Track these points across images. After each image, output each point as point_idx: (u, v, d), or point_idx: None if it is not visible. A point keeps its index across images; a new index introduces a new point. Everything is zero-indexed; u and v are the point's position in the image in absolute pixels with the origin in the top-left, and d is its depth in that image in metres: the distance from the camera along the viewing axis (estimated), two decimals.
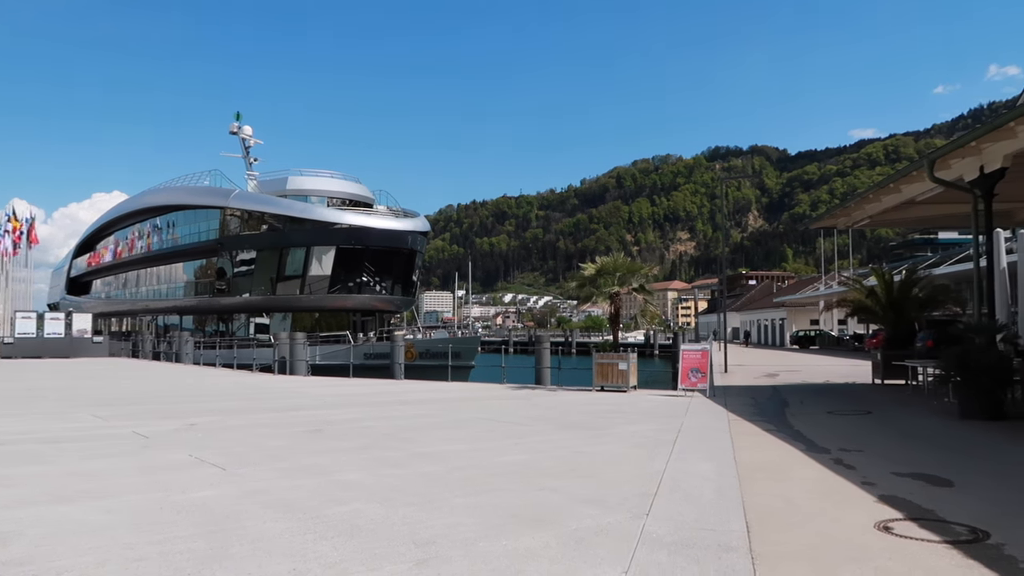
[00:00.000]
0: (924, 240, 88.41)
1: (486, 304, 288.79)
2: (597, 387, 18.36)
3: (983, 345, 12.69)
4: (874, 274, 25.70)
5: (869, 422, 12.32)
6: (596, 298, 20.12)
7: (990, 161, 12.58)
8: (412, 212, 48.19)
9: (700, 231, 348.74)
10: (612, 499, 6.70)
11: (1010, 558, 4.97)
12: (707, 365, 17.45)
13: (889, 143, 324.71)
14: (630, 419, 12.85)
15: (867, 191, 17.32)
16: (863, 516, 6.09)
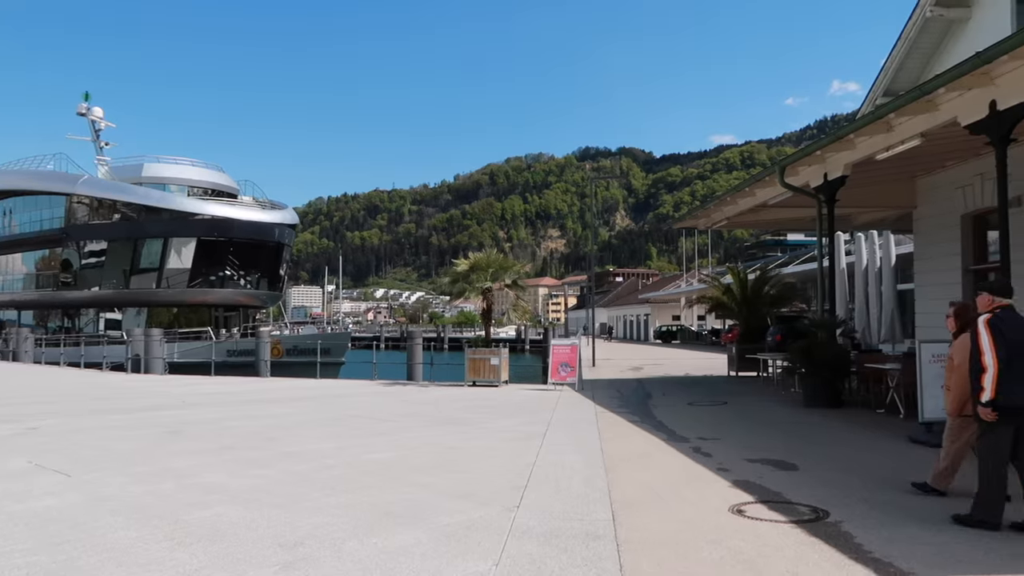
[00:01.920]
0: (775, 241, 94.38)
1: (357, 299, 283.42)
2: (469, 382, 18.45)
3: (825, 339, 13.74)
4: (730, 273, 27.27)
5: (725, 412, 13.06)
6: (469, 294, 20.19)
7: (833, 169, 13.61)
8: (280, 204, 46.52)
9: (570, 229, 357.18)
10: (483, 493, 6.75)
11: (847, 534, 5.42)
12: (576, 360, 17.92)
13: (745, 149, 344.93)
14: (502, 413, 12.99)
15: (725, 194, 18.31)
16: (719, 501, 6.45)
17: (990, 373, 5.39)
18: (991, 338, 5.43)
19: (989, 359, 5.40)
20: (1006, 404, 5.37)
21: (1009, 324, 5.49)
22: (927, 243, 16.15)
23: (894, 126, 11.41)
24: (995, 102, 9.22)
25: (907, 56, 16.60)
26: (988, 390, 5.39)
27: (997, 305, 5.66)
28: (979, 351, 5.49)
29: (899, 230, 19.77)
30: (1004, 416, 5.41)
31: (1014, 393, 5.36)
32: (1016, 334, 5.45)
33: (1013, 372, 5.35)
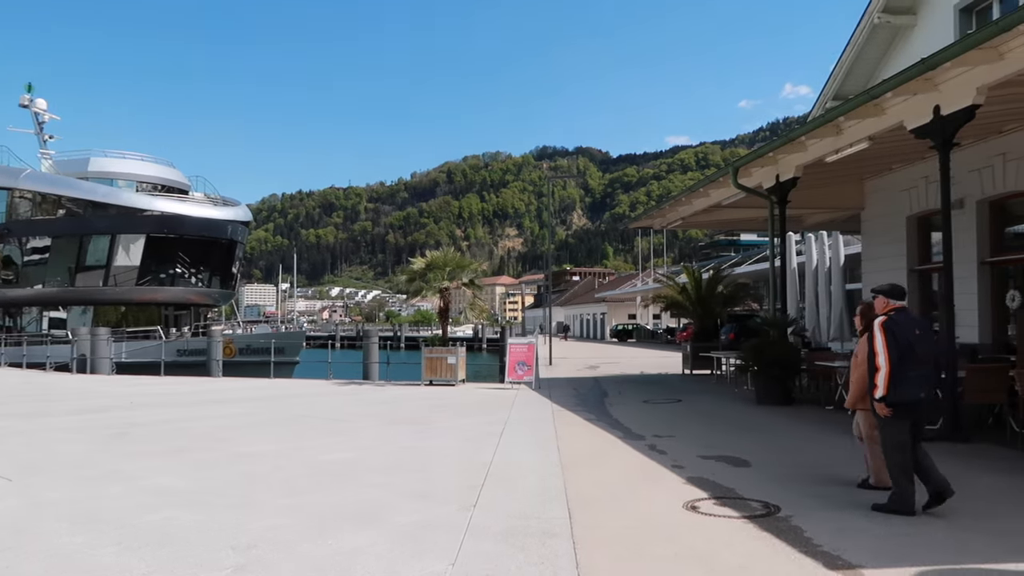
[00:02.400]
0: (728, 241, 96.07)
1: (312, 298, 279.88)
2: (426, 381, 18.36)
3: (776, 338, 14.02)
4: (685, 272, 27.63)
5: (680, 409, 13.22)
6: (426, 292, 20.09)
7: (784, 171, 13.89)
8: (232, 200, 45.66)
9: (528, 228, 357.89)
10: (440, 493, 6.73)
11: (797, 528, 5.53)
12: (533, 358, 17.97)
13: (700, 150, 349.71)
14: (459, 413, 12.96)
15: (680, 194, 18.55)
16: (673, 497, 6.53)
17: (883, 372, 5.75)
18: (884, 339, 5.79)
19: (882, 359, 5.77)
20: (897, 400, 5.76)
21: (902, 326, 5.85)
22: (874, 244, 16.58)
23: (843, 129, 11.69)
24: (939, 107, 9.51)
25: (856, 61, 17.02)
26: (881, 387, 5.77)
27: (892, 307, 6.01)
28: (874, 351, 5.85)
29: (848, 231, 20.25)
30: (898, 411, 5.81)
31: (904, 390, 5.76)
32: (907, 335, 5.82)
33: (904, 370, 5.74)
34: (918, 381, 5.83)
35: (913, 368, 5.80)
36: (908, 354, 5.77)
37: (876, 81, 12.51)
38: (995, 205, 13.08)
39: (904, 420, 5.85)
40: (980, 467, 7.80)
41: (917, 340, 5.87)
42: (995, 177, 12.59)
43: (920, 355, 5.84)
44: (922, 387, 5.87)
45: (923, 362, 5.86)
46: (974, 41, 8.05)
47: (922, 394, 5.87)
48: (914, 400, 5.84)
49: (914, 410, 5.88)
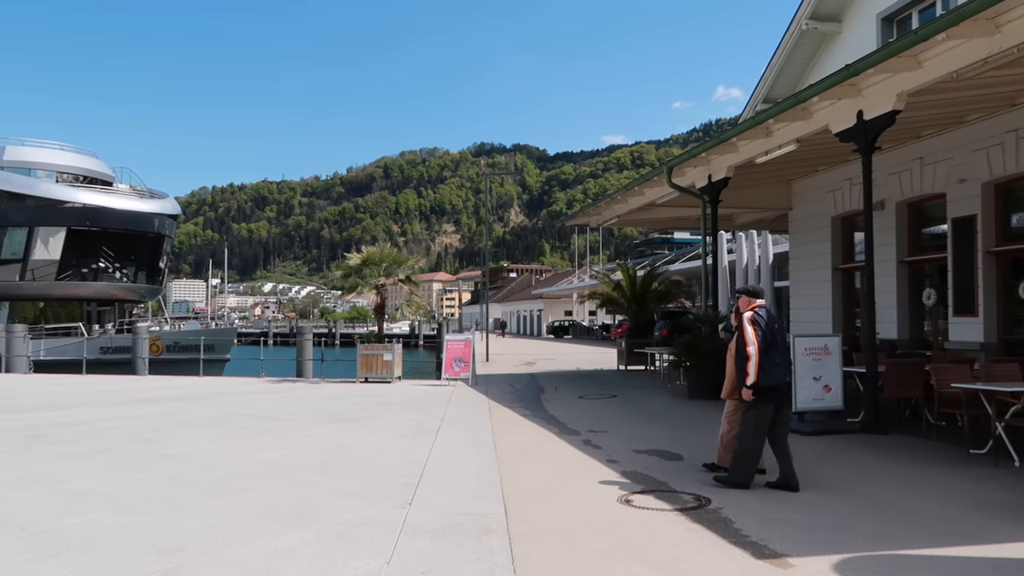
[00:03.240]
0: (663, 239, 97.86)
1: (244, 294, 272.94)
2: (361, 378, 18.16)
3: (708, 334, 14.34)
4: (620, 269, 27.99)
5: (614, 405, 13.41)
6: (362, 288, 19.85)
7: (716, 171, 14.22)
8: (160, 193, 44.16)
9: (465, 224, 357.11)
10: (376, 491, 6.67)
11: (727, 519, 5.68)
12: (470, 355, 17.95)
13: (635, 149, 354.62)
14: (394, 410, 12.86)
15: (616, 193, 18.80)
16: (608, 491, 6.63)
17: (753, 360, 6.46)
18: (754, 331, 6.54)
19: (753, 348, 6.48)
20: (765, 384, 6.47)
21: (766, 319, 6.67)
22: (801, 243, 17.13)
23: (773, 131, 12.04)
24: (862, 112, 9.88)
25: (785, 65, 17.53)
26: (752, 374, 6.45)
27: (754, 305, 6.80)
28: (744, 342, 6.56)
29: (776, 230, 20.89)
30: (764, 395, 6.50)
31: (770, 375, 6.49)
32: (770, 327, 6.63)
33: (769, 358, 6.50)
34: (782, 367, 6.64)
35: (777, 356, 6.58)
36: (772, 344, 6.55)
37: (804, 85, 12.92)
38: (913, 207, 13.67)
39: (769, 404, 6.55)
40: (897, 458, 8.14)
41: (778, 332, 6.71)
42: (913, 180, 13.16)
43: (780, 346, 6.64)
44: (785, 373, 6.69)
45: (783, 352, 6.68)
46: (895, 49, 8.39)
47: (786, 378, 6.70)
48: (779, 384, 6.61)
49: (779, 393, 6.62)
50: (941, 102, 10.50)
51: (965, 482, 6.92)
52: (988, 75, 8.61)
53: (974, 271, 11.80)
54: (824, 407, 10.17)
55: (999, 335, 11.59)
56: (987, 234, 11.66)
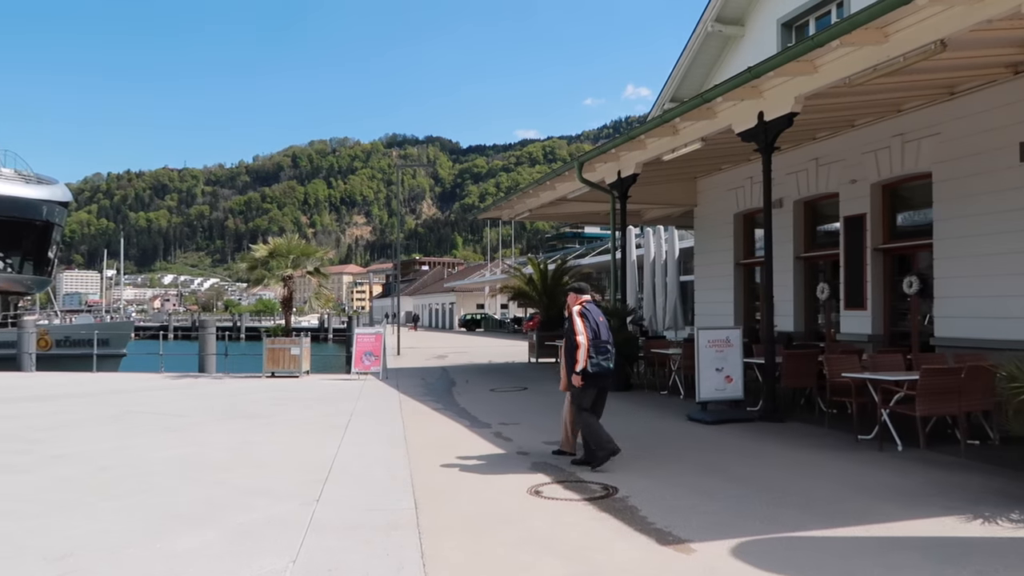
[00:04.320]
0: (574, 234, 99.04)
1: (142, 286, 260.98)
2: (268, 373, 17.68)
3: (616, 326, 14.61)
4: (531, 263, 28.21)
5: (526, 397, 13.53)
6: (268, 281, 19.29)
7: (626, 167, 14.51)
8: (48, 178, 41.69)
9: (376, 216, 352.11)
10: (282, 488, 6.51)
11: (633, 507, 5.82)
12: (380, 348, 17.75)
13: (547, 144, 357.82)
14: (302, 405, 12.59)
15: (528, 187, 18.94)
16: (518, 483, 6.68)
17: (583, 349, 7.11)
18: (583, 323, 7.21)
19: (582, 338, 7.13)
20: (592, 371, 7.12)
21: (592, 313, 7.37)
22: (705, 238, 17.70)
23: (679, 130, 12.38)
24: (763, 113, 10.27)
25: (692, 65, 18.05)
26: (581, 361, 7.09)
27: (582, 300, 7.49)
28: (574, 332, 7.20)
29: (682, 226, 21.50)
30: (591, 380, 7.17)
31: (597, 363, 7.14)
32: (595, 320, 7.29)
33: (595, 347, 7.15)
34: (607, 356, 7.23)
35: (603, 345, 7.20)
36: (598, 335, 7.20)
37: (709, 86, 13.32)
38: (809, 205, 14.33)
39: (593, 388, 7.26)
40: (793, 445, 8.54)
41: (602, 325, 7.32)
42: (809, 180, 13.79)
43: (604, 338, 7.25)
44: (609, 360, 7.27)
45: (607, 342, 7.27)
46: (793, 54, 8.76)
47: (610, 365, 7.28)
48: (605, 371, 7.23)
49: (603, 379, 7.30)
50: (835, 106, 11.04)
51: (854, 466, 7.33)
52: (877, 82, 9.10)
53: (863, 267, 12.48)
54: (726, 397, 10.56)
55: (885, 327, 12.31)
56: (875, 232, 12.35)
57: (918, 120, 11.28)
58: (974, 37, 8.02)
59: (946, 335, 10.62)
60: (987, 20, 7.23)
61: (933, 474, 6.93)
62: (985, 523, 5.36)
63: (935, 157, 10.94)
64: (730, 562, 4.59)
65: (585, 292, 7.66)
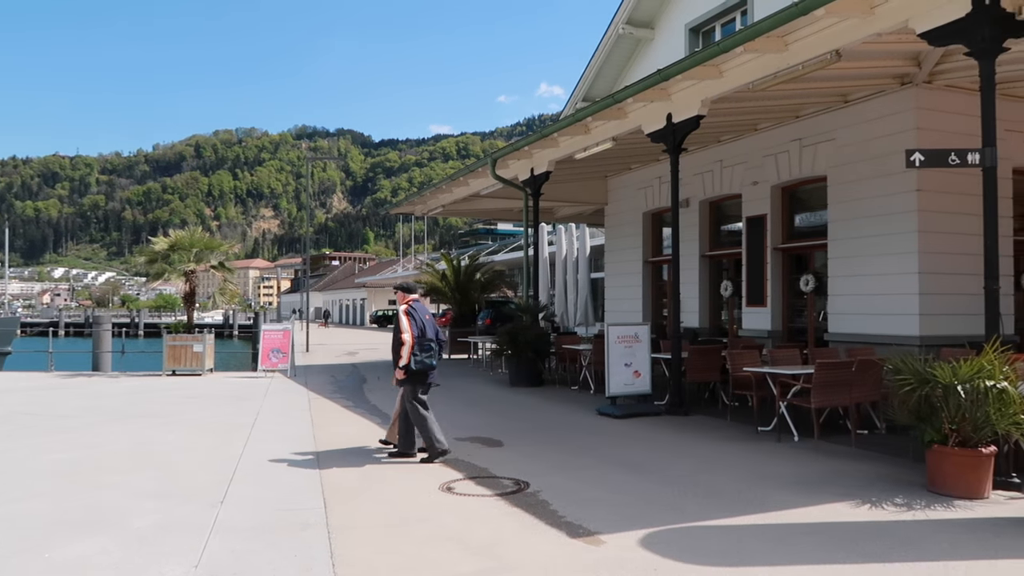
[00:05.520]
0: (487, 230, 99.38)
1: (29, 280, 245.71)
2: (168, 371, 16.97)
3: (529, 323, 14.77)
4: (444, 259, 28.13)
5: (437, 393, 13.34)
6: (169, 275, 18.51)
7: (539, 165, 14.64)
8: None
9: (285, 209, 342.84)
10: (183, 490, 6.26)
11: (544, 502, 5.89)
12: (289, 345, 17.31)
13: (461, 140, 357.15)
14: (205, 404, 12.14)
15: (441, 182, 18.85)
16: (430, 480, 6.65)
17: (407, 345, 7.37)
18: (408, 321, 7.46)
19: (407, 336, 7.39)
20: (416, 368, 7.38)
21: (419, 311, 7.64)
22: (615, 236, 18.06)
23: (591, 129, 12.58)
24: (671, 115, 10.56)
25: (604, 66, 18.36)
26: (405, 358, 7.36)
27: (409, 299, 7.77)
28: (400, 330, 7.43)
29: (593, 224, 21.88)
30: (416, 375, 7.43)
31: (421, 360, 7.41)
32: (421, 318, 7.56)
33: (420, 345, 7.43)
34: (430, 353, 7.48)
35: (427, 343, 7.46)
36: (424, 333, 7.47)
37: (620, 86, 13.59)
38: (714, 205, 14.82)
39: (420, 383, 7.50)
40: (697, 437, 8.83)
41: (428, 323, 7.57)
42: (714, 181, 14.27)
43: (430, 335, 7.52)
44: (433, 357, 7.51)
45: (432, 340, 7.53)
46: (700, 59, 9.04)
47: (433, 363, 7.52)
48: (428, 367, 7.47)
49: (427, 375, 7.51)
50: (739, 110, 11.47)
51: (754, 457, 7.64)
52: (778, 88, 9.50)
53: (764, 266, 13.01)
54: (634, 391, 10.82)
55: (784, 324, 12.88)
56: (775, 232, 12.89)
57: (815, 126, 11.83)
58: (866, 49, 8.49)
59: (839, 331, 11.19)
60: (877, 33, 7.66)
61: (826, 463, 7.30)
62: (872, 508, 5.68)
63: (830, 161, 11.51)
64: (639, 552, 4.70)
65: (413, 291, 7.93)
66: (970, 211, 8.58)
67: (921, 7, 7.11)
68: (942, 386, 5.96)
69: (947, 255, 10.02)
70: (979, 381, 5.86)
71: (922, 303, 9.96)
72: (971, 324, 8.55)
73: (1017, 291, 10.98)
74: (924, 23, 7.08)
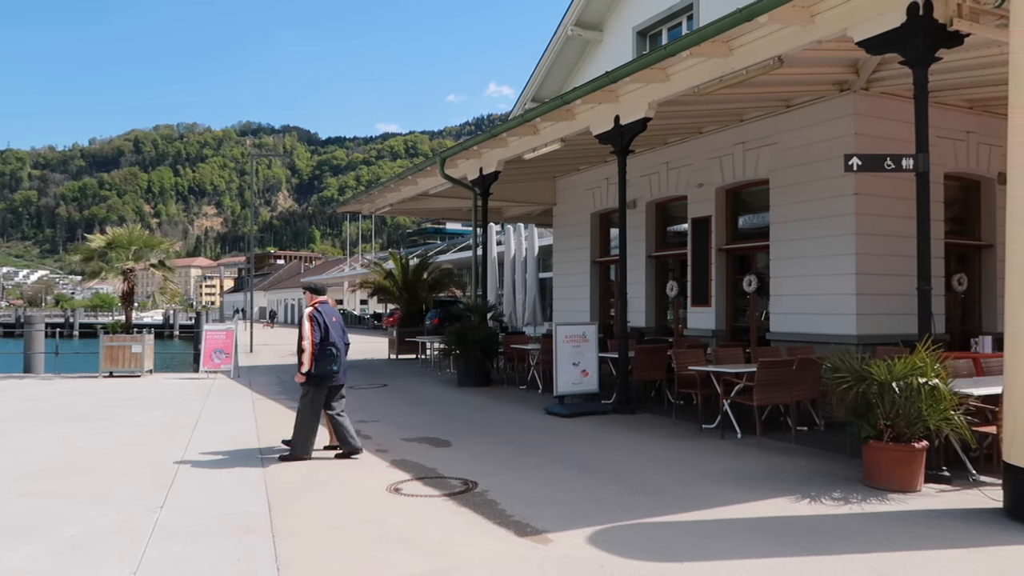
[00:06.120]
0: (435, 229, 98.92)
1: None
2: (105, 373, 16.45)
3: (477, 323, 14.75)
4: (392, 258, 27.91)
5: (385, 394, 13.36)
6: (106, 274, 17.96)
7: (488, 164, 14.63)
8: None
9: (228, 207, 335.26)
10: (121, 495, 6.08)
11: (492, 501, 5.89)
12: (232, 345, 16.96)
13: (409, 139, 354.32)
14: (145, 406, 11.81)
15: (389, 181, 18.69)
16: (377, 481, 6.59)
17: (308, 351, 7.31)
18: (311, 326, 7.38)
19: (307, 342, 7.33)
20: (317, 372, 7.34)
21: (324, 314, 7.53)
22: (563, 237, 18.17)
23: (540, 129, 12.63)
24: (619, 117, 10.67)
25: (552, 67, 18.46)
26: (306, 363, 7.32)
27: (316, 301, 7.68)
28: (302, 336, 7.39)
29: (542, 224, 21.97)
30: (316, 380, 7.39)
31: (323, 365, 7.35)
32: (326, 321, 7.47)
33: (322, 349, 7.36)
34: (333, 358, 7.41)
35: (330, 347, 7.39)
36: (327, 337, 7.40)
37: (569, 87, 13.68)
38: (660, 206, 15.03)
39: (323, 388, 7.45)
40: (643, 435, 8.94)
41: (333, 326, 7.51)
42: (661, 182, 14.47)
43: (334, 338, 7.46)
44: (335, 362, 7.43)
45: (334, 344, 7.45)
46: (647, 62, 9.15)
47: (335, 368, 7.43)
48: (330, 372, 7.40)
49: (329, 380, 7.45)
50: (685, 113, 11.65)
51: (699, 454, 7.77)
52: (723, 92, 9.68)
53: (708, 266, 13.24)
54: (582, 390, 10.90)
55: (728, 323, 13.13)
56: (719, 233, 13.14)
57: (758, 130, 12.10)
58: (807, 55, 8.72)
59: (780, 330, 11.47)
60: (817, 41, 7.88)
61: (768, 459, 7.47)
62: (812, 502, 5.84)
63: (772, 165, 11.78)
64: (586, 550, 4.74)
65: (321, 293, 7.87)
66: (904, 214, 8.88)
67: (859, 17, 7.33)
68: (878, 384, 6.16)
69: (883, 256, 10.35)
70: (913, 378, 6.07)
71: (859, 303, 10.28)
72: (905, 323, 8.85)
73: (948, 292, 11.41)
74: (862, 32, 7.31)
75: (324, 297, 7.83)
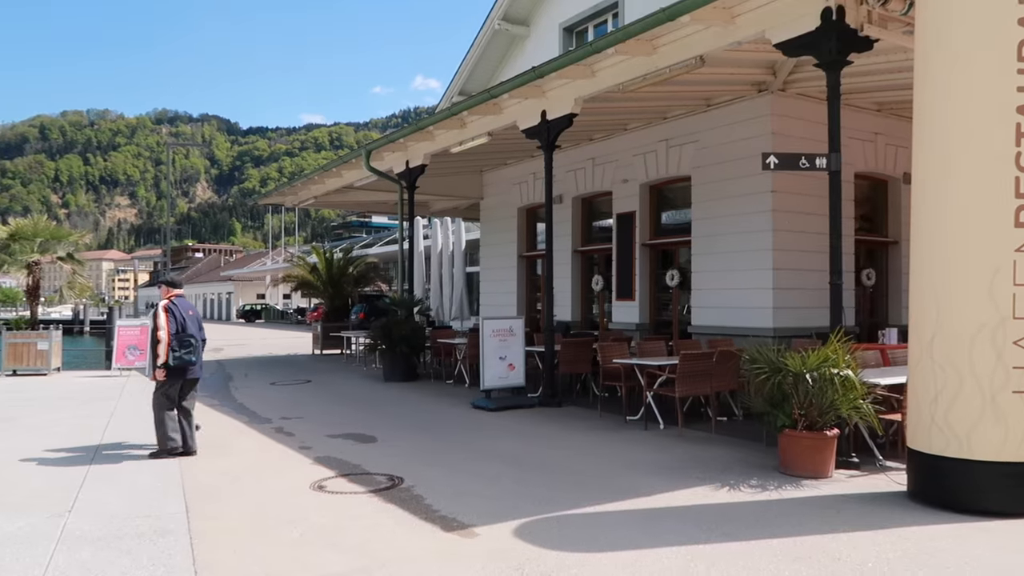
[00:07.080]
0: (361, 223, 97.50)
1: None
2: (9, 371, 15.61)
3: (404, 317, 14.62)
4: (315, 252, 27.40)
5: (309, 390, 13.11)
6: (9, 267, 17.05)
7: (414, 157, 14.50)
8: None
9: (143, 198, 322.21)
10: (24, 500, 5.78)
11: (418, 496, 5.85)
12: (147, 342, 16.30)
13: (334, 130, 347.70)
14: (52, 406, 11.25)
15: (313, 173, 18.32)
16: (300, 479, 6.46)
17: (164, 343, 7.27)
18: (167, 318, 7.36)
19: (163, 333, 7.28)
20: (174, 364, 7.29)
21: (180, 307, 7.52)
22: (491, 231, 18.19)
23: (467, 123, 12.59)
24: (545, 112, 10.73)
25: (480, 60, 18.42)
26: (162, 356, 7.27)
27: (172, 295, 7.63)
28: (157, 327, 7.35)
29: (469, 218, 21.92)
30: (173, 374, 7.34)
31: (179, 355, 7.32)
32: (183, 315, 7.46)
33: (179, 341, 7.34)
34: (192, 348, 7.42)
35: (187, 339, 7.38)
36: (183, 329, 7.40)
37: (496, 81, 13.67)
38: (586, 202, 15.21)
39: (176, 381, 7.40)
40: (569, 428, 9.04)
41: (189, 319, 7.51)
42: (586, 178, 14.64)
43: (190, 332, 7.45)
44: (193, 354, 7.42)
45: (192, 336, 7.45)
46: (573, 58, 9.24)
47: (192, 359, 7.41)
48: (187, 363, 7.37)
49: (185, 371, 7.42)
50: (610, 109, 11.81)
51: (622, 445, 7.91)
52: (647, 90, 9.85)
53: (632, 261, 13.48)
54: (508, 384, 10.95)
55: (651, 317, 13.40)
56: (643, 229, 13.38)
57: (681, 127, 12.36)
58: (728, 56, 8.96)
59: (701, 323, 11.77)
60: (738, 42, 8.09)
61: (689, 449, 7.66)
62: (731, 490, 6.02)
63: (694, 162, 12.07)
64: (512, 543, 4.76)
65: (178, 286, 7.86)
66: (817, 212, 9.24)
67: (777, 20, 7.57)
68: (792, 374, 6.39)
69: (797, 252, 10.74)
70: (825, 369, 6.32)
71: (775, 297, 10.64)
72: (818, 317, 9.22)
73: (858, 286, 11.93)
74: (779, 35, 7.55)
75: (180, 291, 7.82)
